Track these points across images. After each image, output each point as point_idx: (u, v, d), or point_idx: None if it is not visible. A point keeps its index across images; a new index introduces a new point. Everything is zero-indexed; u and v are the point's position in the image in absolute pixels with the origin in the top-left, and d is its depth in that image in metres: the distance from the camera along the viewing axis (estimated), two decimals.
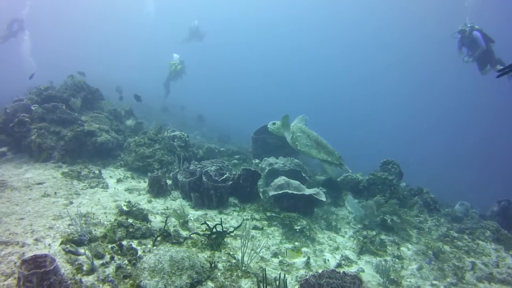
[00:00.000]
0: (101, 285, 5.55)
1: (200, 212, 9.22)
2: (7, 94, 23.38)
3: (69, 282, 5.46)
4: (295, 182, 10.28)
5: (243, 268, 6.36)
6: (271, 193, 9.95)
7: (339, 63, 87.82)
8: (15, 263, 6.05)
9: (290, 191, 9.69)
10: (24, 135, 12.64)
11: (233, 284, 5.91)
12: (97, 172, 11.20)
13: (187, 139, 13.55)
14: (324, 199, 9.89)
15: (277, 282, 5.85)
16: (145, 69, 60.06)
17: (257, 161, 13.96)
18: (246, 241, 6.48)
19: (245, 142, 23.85)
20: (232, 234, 7.80)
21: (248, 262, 6.46)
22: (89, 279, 5.67)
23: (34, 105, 13.80)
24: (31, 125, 12.81)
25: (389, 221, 9.86)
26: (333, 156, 12.06)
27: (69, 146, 12.27)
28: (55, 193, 9.45)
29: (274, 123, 12.66)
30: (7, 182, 10.17)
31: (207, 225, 7.55)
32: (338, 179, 12.91)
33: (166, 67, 28.70)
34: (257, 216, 9.39)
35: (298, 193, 9.72)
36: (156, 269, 5.72)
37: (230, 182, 9.84)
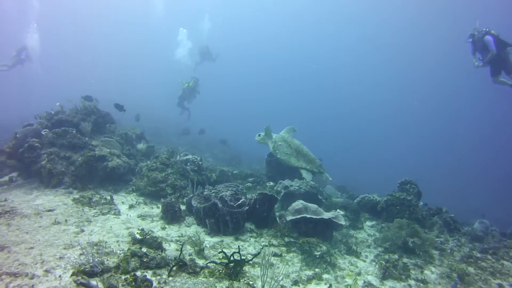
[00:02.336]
0: None
1: (216, 239, 8.90)
2: (17, 118, 23.39)
3: None
4: (313, 206, 9.98)
5: None
6: (289, 217, 9.64)
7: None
8: None
9: (308, 216, 9.39)
10: (34, 161, 12.46)
11: None
12: (108, 198, 10.94)
13: (200, 162, 13.30)
14: (343, 223, 9.58)
15: None
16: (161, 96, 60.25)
17: (271, 183, 13.68)
18: (266, 270, 6.16)
19: (256, 163, 23.64)
20: (250, 262, 7.49)
21: None
22: None
23: (45, 130, 13.64)
24: (41, 150, 12.65)
25: (410, 243, 9.51)
26: (313, 164, 12.59)
27: (80, 172, 12.06)
28: (66, 220, 9.20)
29: (259, 135, 13.39)
30: (17, 209, 9.96)
31: (224, 253, 7.23)
32: (355, 201, 12.68)
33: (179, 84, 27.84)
34: (275, 242, 9.06)
35: (317, 217, 9.41)
36: None
37: (246, 207, 9.53)
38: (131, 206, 10.74)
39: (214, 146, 30.81)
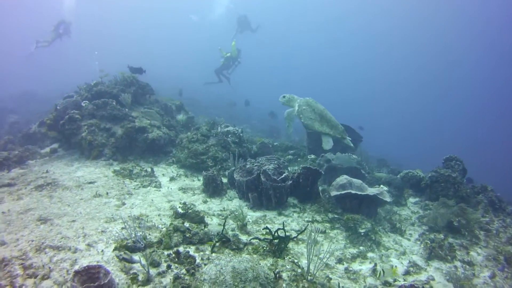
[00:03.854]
0: None
1: (258, 214, 8.71)
2: (58, 90, 23.53)
3: None
4: (357, 181, 9.66)
5: (309, 277, 5.80)
6: (333, 193, 9.35)
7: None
8: (67, 270, 5.72)
9: (353, 191, 9.09)
10: (75, 132, 12.45)
11: None
12: (149, 170, 10.86)
13: (241, 134, 13.09)
14: (389, 199, 9.24)
15: None
16: (193, 65, 59.80)
17: (312, 156, 13.39)
18: (312, 249, 5.91)
19: (295, 134, 23.32)
20: (294, 239, 7.26)
21: (314, 271, 5.89)
22: None
23: (84, 102, 13.63)
24: (82, 122, 12.63)
25: (455, 222, 9.15)
26: (336, 130, 12.23)
27: (120, 143, 12.02)
28: (107, 193, 9.13)
29: (284, 96, 13.00)
30: (58, 180, 9.96)
31: (269, 229, 7.02)
32: (399, 176, 12.33)
33: (217, 59, 27.31)
34: (318, 218, 8.80)
35: (362, 193, 9.10)
36: (218, 281, 5.21)
37: (290, 182, 9.28)
38: (172, 179, 10.62)
39: (252, 116, 30.59)
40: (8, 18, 76.37)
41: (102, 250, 6.38)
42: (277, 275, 5.60)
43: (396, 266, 7.03)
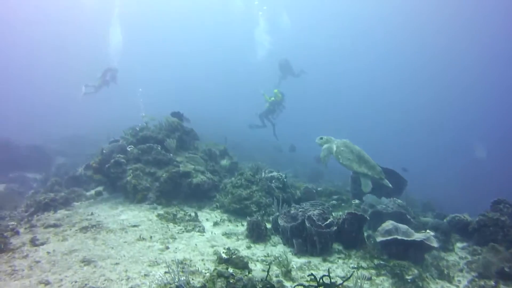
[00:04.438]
0: None
1: (303, 260, 8.51)
2: (105, 133, 24.02)
3: None
4: (403, 227, 9.45)
5: None
6: (379, 239, 9.15)
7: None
8: None
9: (399, 237, 8.87)
10: (120, 176, 12.64)
11: None
12: (193, 214, 10.82)
13: (285, 180, 13.01)
14: (436, 245, 8.97)
15: None
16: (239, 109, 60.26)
17: (357, 201, 13.21)
18: None
19: (338, 179, 23.12)
20: (340, 286, 7.08)
21: None
22: None
23: (130, 146, 13.84)
24: (127, 166, 12.81)
25: (506, 268, 8.80)
26: (374, 171, 12.06)
27: (165, 187, 12.08)
28: (151, 237, 9.13)
29: (321, 138, 12.94)
30: (103, 223, 10.05)
31: (314, 276, 6.86)
32: (445, 220, 12.03)
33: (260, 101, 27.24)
34: (364, 264, 8.56)
35: (408, 239, 8.88)
36: None
37: (335, 228, 9.13)
38: (215, 223, 10.56)
39: (295, 161, 30.49)
40: (55, 64, 78.94)
41: None
42: None
43: None
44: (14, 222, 11.29)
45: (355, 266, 8.39)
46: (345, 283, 7.15)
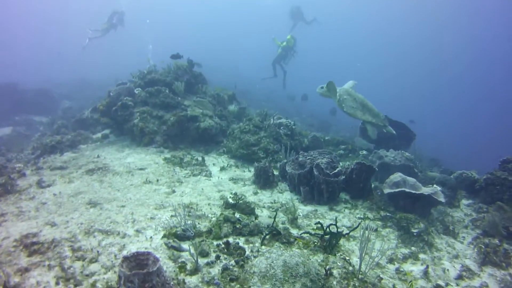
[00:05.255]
0: None
1: (309, 208, 8.46)
2: (111, 77, 23.82)
3: (172, 283, 4.92)
4: (411, 180, 9.31)
5: (360, 276, 5.55)
6: (386, 190, 9.03)
7: None
8: (115, 255, 5.69)
9: (407, 190, 8.75)
10: (127, 119, 12.53)
11: None
12: (200, 159, 10.77)
13: (293, 127, 12.85)
14: (443, 200, 8.84)
15: None
16: (249, 58, 59.55)
17: (364, 152, 13.09)
18: (365, 247, 5.67)
19: (346, 130, 22.94)
20: (346, 236, 7.00)
21: (366, 270, 5.65)
22: (192, 280, 5.12)
23: (137, 89, 13.67)
24: (134, 109, 12.67)
25: (511, 228, 8.70)
26: (378, 118, 11.86)
27: (172, 131, 11.98)
28: (157, 180, 9.09)
29: (322, 87, 12.47)
30: (109, 166, 10.00)
31: (321, 224, 6.79)
32: (452, 176, 11.89)
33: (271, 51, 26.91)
34: (370, 215, 8.46)
35: (416, 192, 8.76)
36: (268, 274, 5.03)
37: (343, 177, 9.01)
38: (222, 168, 10.49)
39: (303, 111, 30.24)
40: (64, 7, 77.99)
41: (151, 237, 6.32)
42: (328, 272, 5.39)
43: (448, 269, 6.73)
44: (20, 164, 11.25)
45: (362, 216, 8.31)
46: (351, 233, 7.09)
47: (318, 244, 6.38)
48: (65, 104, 24.11)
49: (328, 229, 6.42)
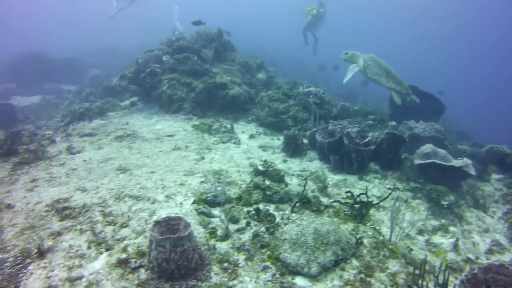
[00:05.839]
0: (236, 254, 4.99)
1: (339, 177, 8.37)
2: (138, 45, 23.75)
3: (203, 248, 4.90)
4: (442, 151, 9.12)
5: (390, 246, 5.47)
6: (417, 161, 8.87)
7: None
8: (146, 220, 5.71)
9: (437, 161, 8.59)
10: (155, 86, 12.51)
11: (380, 264, 5.05)
12: (229, 126, 10.71)
13: (322, 95, 12.64)
14: (473, 173, 8.63)
15: (426, 266, 4.90)
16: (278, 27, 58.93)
17: (393, 123, 12.85)
18: (396, 218, 5.66)
19: (372, 100, 22.65)
20: (376, 206, 6.90)
21: (396, 240, 5.57)
22: (223, 246, 5.13)
23: (165, 56, 13.60)
24: (162, 76, 12.62)
25: None
26: (402, 86, 12.00)
27: (200, 98, 11.91)
28: (186, 147, 9.08)
29: (346, 53, 12.62)
30: (138, 132, 10.02)
31: (351, 193, 6.70)
32: (483, 149, 11.68)
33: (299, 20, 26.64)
34: (400, 186, 8.35)
35: (447, 164, 8.59)
36: (299, 242, 4.97)
37: (373, 146, 8.88)
38: (251, 136, 10.45)
39: (330, 81, 29.93)
40: None
41: (181, 203, 6.30)
42: (359, 241, 5.36)
43: (478, 243, 6.61)
44: (50, 131, 11.35)
45: (391, 187, 8.19)
46: (381, 203, 7.00)
47: (348, 213, 6.36)
48: (92, 73, 24.27)
49: (358, 198, 6.36)
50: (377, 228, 6.04)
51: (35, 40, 36.78)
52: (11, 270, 4.76)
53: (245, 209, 6.11)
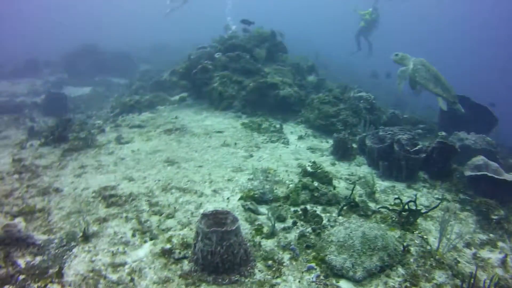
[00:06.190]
0: (281, 252, 4.94)
1: (387, 183, 8.21)
2: (189, 42, 23.98)
3: (248, 244, 4.85)
4: (494, 164, 8.84)
5: (437, 257, 5.32)
6: (467, 173, 8.62)
7: None
8: (192, 212, 5.73)
9: (489, 174, 8.34)
10: (206, 82, 12.61)
11: (426, 274, 4.91)
12: (278, 126, 10.66)
13: (373, 101, 12.50)
14: None
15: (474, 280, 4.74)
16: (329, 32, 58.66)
17: (443, 133, 12.60)
18: (446, 229, 5.56)
19: (423, 110, 22.33)
20: (424, 214, 6.74)
21: (443, 251, 5.41)
22: (268, 244, 5.09)
23: (218, 53, 13.66)
24: (214, 73, 12.64)
25: None
26: (449, 93, 11.69)
27: (251, 97, 11.92)
28: (235, 143, 9.08)
29: (396, 54, 12.39)
30: (187, 127, 10.07)
31: (400, 200, 6.56)
32: None
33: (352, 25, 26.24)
34: (448, 197, 8.14)
35: (499, 177, 8.33)
36: (346, 245, 4.88)
37: (424, 155, 8.68)
38: (300, 137, 10.35)
39: (379, 88, 29.64)
40: None
41: (228, 198, 6.31)
42: (406, 248, 5.23)
43: None
44: (100, 121, 11.51)
45: (440, 197, 7.99)
46: (428, 213, 6.84)
47: (396, 220, 6.25)
48: (142, 67, 24.62)
49: (406, 206, 6.21)
50: (425, 237, 5.90)
51: (89, 34, 37.52)
52: (56, 251, 4.89)
53: (292, 209, 6.07)
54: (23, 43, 37.30)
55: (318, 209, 6.15)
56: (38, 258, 4.74)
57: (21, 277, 4.37)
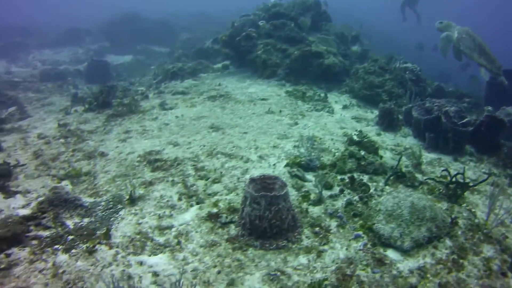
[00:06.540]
0: (328, 220, 4.92)
1: (433, 155, 8.07)
2: (230, 12, 23.84)
3: (296, 210, 4.81)
4: None
5: (485, 231, 5.20)
6: None
7: None
8: (238, 178, 5.73)
9: None
10: (250, 50, 12.50)
11: (474, 247, 4.80)
12: (322, 95, 10.54)
13: (419, 73, 12.28)
14: None
15: None
16: None
17: (490, 108, 12.28)
18: (496, 202, 5.49)
19: (467, 84, 21.86)
20: (471, 188, 6.58)
21: (491, 225, 5.33)
22: (315, 210, 5.08)
23: (261, 21, 13.50)
24: (258, 41, 12.54)
25: None
26: (493, 65, 11.40)
27: (295, 65, 11.78)
28: (280, 111, 9.00)
29: (441, 22, 12.06)
30: (231, 94, 10.06)
31: (448, 172, 6.41)
32: None
33: None
34: (496, 172, 7.96)
35: None
36: (394, 214, 4.83)
37: (471, 128, 8.47)
38: (344, 107, 10.23)
39: (422, 61, 29.10)
40: None
41: (274, 164, 6.29)
42: (454, 221, 5.15)
43: None
44: (143, 88, 11.55)
45: (487, 171, 7.80)
46: (476, 187, 6.68)
47: (443, 192, 6.13)
48: (184, 36, 24.54)
49: (454, 178, 6.08)
50: (473, 210, 5.77)
51: (129, 2, 37.61)
52: (103, 213, 4.99)
53: (339, 177, 6.01)
54: (65, 12, 37.63)
55: (365, 178, 6.09)
56: (86, 220, 4.85)
57: (70, 237, 4.47)
